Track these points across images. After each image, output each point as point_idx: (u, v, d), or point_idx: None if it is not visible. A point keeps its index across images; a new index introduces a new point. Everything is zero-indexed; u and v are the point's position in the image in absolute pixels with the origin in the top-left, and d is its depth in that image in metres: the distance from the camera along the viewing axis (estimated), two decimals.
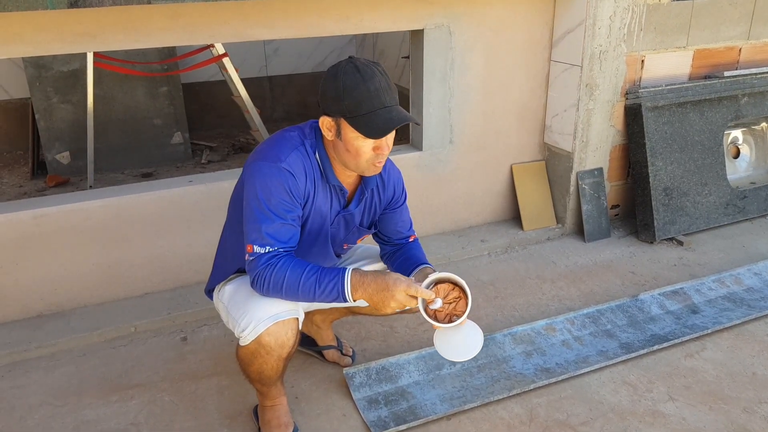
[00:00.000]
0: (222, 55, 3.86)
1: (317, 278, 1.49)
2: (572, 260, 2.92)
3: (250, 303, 1.59)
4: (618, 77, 2.93)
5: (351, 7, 2.51)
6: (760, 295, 2.55)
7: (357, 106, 1.44)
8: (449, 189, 3.04)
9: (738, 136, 3.42)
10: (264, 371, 1.65)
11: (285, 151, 1.55)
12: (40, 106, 3.91)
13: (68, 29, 2.14)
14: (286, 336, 1.59)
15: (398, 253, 1.84)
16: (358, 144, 1.49)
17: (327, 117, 1.51)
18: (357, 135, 1.48)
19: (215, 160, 4.37)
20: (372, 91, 1.44)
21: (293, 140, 1.59)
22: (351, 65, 1.47)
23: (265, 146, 1.59)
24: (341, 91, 1.45)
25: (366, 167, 1.55)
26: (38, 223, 2.31)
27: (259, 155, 1.57)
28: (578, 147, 2.98)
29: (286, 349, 1.62)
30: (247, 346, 1.60)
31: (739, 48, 3.22)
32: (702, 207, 3.13)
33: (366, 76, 1.45)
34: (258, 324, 1.56)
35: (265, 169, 1.52)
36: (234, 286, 1.71)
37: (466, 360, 1.55)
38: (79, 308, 2.46)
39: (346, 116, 1.46)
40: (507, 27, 2.86)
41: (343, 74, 1.46)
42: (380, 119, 1.45)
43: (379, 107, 1.45)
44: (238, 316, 1.61)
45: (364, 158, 1.52)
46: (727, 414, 1.91)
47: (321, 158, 1.61)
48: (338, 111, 1.47)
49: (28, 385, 2.09)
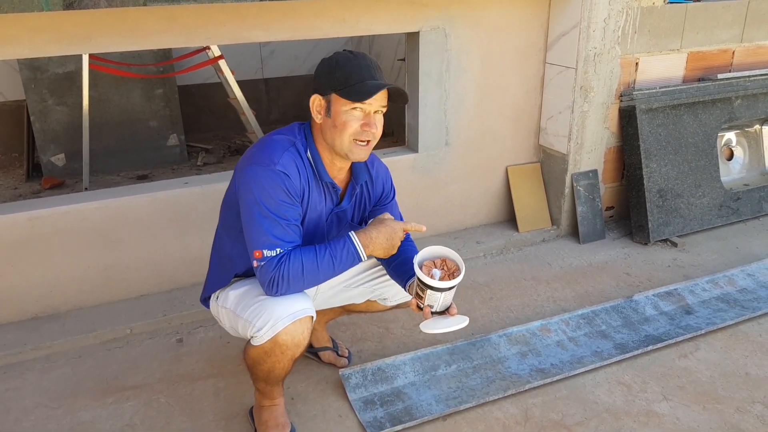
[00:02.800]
0: (218, 58, 3.86)
1: (330, 253, 1.57)
2: (567, 261, 2.93)
3: (266, 303, 1.59)
4: (612, 79, 2.94)
5: (347, 10, 2.52)
6: (753, 296, 2.56)
7: (348, 77, 1.53)
8: (445, 191, 3.05)
9: (732, 138, 3.44)
10: (275, 370, 1.65)
11: (277, 153, 1.56)
12: (35, 108, 3.91)
13: (64, 31, 2.14)
14: (302, 335, 1.60)
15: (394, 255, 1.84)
16: (346, 117, 1.55)
17: (318, 95, 1.58)
18: (347, 108, 1.54)
19: (211, 163, 4.37)
20: (363, 66, 1.55)
21: (283, 142, 1.61)
22: (344, 51, 1.60)
23: (256, 150, 1.60)
24: (334, 67, 1.55)
25: (351, 146, 1.58)
26: (33, 225, 2.31)
27: (252, 159, 1.58)
28: (573, 149, 2.99)
29: (300, 349, 1.62)
30: (261, 345, 1.59)
31: (732, 51, 3.24)
32: (696, 209, 3.15)
33: (357, 55, 1.58)
34: (277, 322, 1.55)
35: (261, 173, 1.53)
36: (241, 290, 1.69)
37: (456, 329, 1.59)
38: (75, 310, 2.46)
39: (337, 89, 1.54)
40: (502, 29, 2.88)
41: (336, 56, 1.58)
42: (369, 85, 1.54)
43: (369, 78, 1.55)
44: (252, 317, 1.60)
45: (349, 132, 1.56)
46: (720, 414, 1.92)
47: (313, 157, 1.63)
48: (329, 86, 1.55)
49: (23, 386, 2.09)
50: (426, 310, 1.62)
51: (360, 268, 1.91)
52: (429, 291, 1.57)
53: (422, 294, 1.59)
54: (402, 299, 1.95)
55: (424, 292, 1.58)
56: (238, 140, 4.92)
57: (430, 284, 1.55)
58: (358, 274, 1.91)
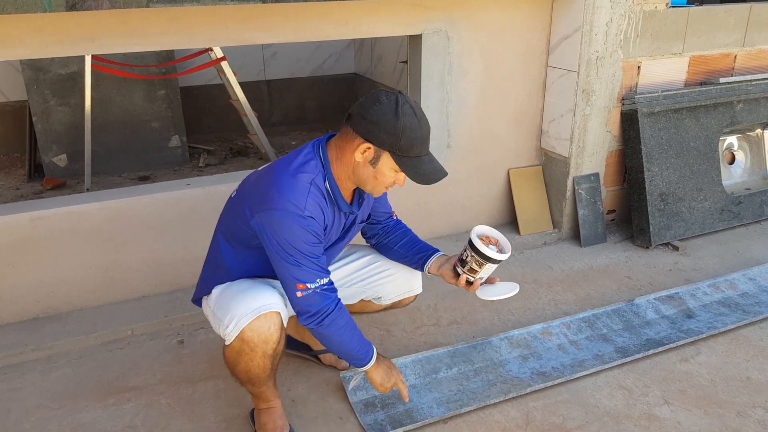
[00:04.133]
0: (220, 59, 3.87)
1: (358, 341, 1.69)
2: (568, 265, 2.93)
3: (232, 301, 1.63)
4: (614, 83, 2.95)
5: (350, 12, 2.52)
6: (754, 300, 2.56)
7: (409, 148, 1.54)
8: (446, 193, 3.05)
9: (733, 142, 3.44)
10: (251, 370, 1.65)
11: (302, 199, 1.54)
12: (37, 109, 3.91)
13: (66, 32, 2.14)
14: (269, 331, 1.60)
15: (393, 237, 1.92)
16: (389, 175, 1.59)
17: (370, 145, 1.54)
18: (396, 169, 1.57)
19: (213, 164, 4.37)
20: (423, 138, 1.56)
21: (303, 183, 1.56)
22: (409, 107, 1.53)
23: (276, 193, 1.55)
24: (400, 131, 1.51)
25: (379, 191, 1.65)
26: (35, 226, 2.31)
27: (274, 204, 1.53)
28: (575, 152, 2.99)
29: (271, 345, 1.62)
30: (231, 345, 1.62)
31: (734, 55, 3.24)
32: (697, 212, 3.15)
33: (422, 122, 1.55)
34: (240, 320, 1.58)
35: (290, 222, 1.53)
36: (219, 289, 1.72)
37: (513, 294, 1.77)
38: (76, 311, 2.46)
39: (395, 153, 1.54)
40: (505, 32, 2.88)
41: (403, 114, 1.51)
42: (426, 167, 1.58)
43: (424, 153, 1.58)
44: (221, 315, 1.64)
45: (384, 185, 1.62)
46: (721, 418, 1.92)
47: (331, 187, 1.63)
48: (389, 145, 1.53)
49: (24, 387, 2.09)
50: (476, 283, 1.74)
51: (352, 268, 1.93)
52: (488, 264, 1.69)
53: (478, 268, 1.70)
54: (396, 297, 1.97)
55: (482, 267, 1.69)
56: (239, 142, 4.93)
57: (494, 257, 1.66)
58: (350, 274, 1.93)
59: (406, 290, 1.98)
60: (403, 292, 1.97)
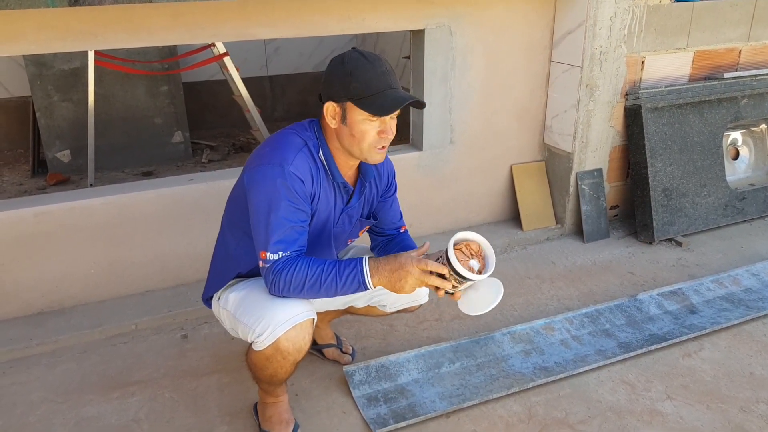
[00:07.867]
0: (223, 55, 3.87)
1: (336, 271, 1.51)
2: (571, 260, 2.93)
3: (265, 308, 1.57)
4: (618, 78, 2.94)
5: (353, 7, 2.52)
6: (758, 296, 2.56)
7: (365, 87, 1.48)
8: (449, 189, 3.05)
9: (737, 138, 3.43)
10: (278, 374, 1.64)
11: (290, 154, 1.53)
12: (40, 105, 3.92)
13: (69, 27, 2.15)
14: (303, 341, 1.58)
15: (391, 244, 1.87)
16: (363, 127, 1.52)
17: (332, 103, 1.53)
18: (364, 117, 1.51)
19: (215, 160, 4.38)
20: (379, 74, 1.49)
21: (296, 142, 1.57)
22: (356, 53, 1.53)
23: (268, 149, 1.57)
24: (349, 75, 1.48)
25: (369, 152, 1.57)
26: (39, 221, 2.32)
27: (263, 159, 1.55)
28: (578, 148, 2.99)
29: (302, 353, 1.61)
30: (263, 351, 1.58)
31: (739, 50, 3.23)
32: (701, 208, 3.14)
33: (372, 60, 1.50)
34: (276, 328, 1.53)
35: (273, 174, 1.50)
36: (240, 293, 1.68)
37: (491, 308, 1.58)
38: (80, 305, 2.47)
39: (354, 99, 1.49)
40: (508, 27, 2.87)
41: (349, 60, 1.51)
42: (388, 98, 1.49)
43: (386, 88, 1.50)
44: (251, 322, 1.58)
45: (368, 141, 1.54)
46: (724, 413, 1.92)
47: (325, 157, 1.61)
48: (345, 95, 1.50)
49: (29, 381, 2.10)
50: (457, 294, 1.59)
51: None
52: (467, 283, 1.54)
53: (458, 285, 1.54)
54: (401, 306, 1.94)
55: (461, 284, 1.54)
56: (242, 137, 4.93)
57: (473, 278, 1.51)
58: None
59: (410, 300, 1.92)
60: (408, 301, 1.92)
